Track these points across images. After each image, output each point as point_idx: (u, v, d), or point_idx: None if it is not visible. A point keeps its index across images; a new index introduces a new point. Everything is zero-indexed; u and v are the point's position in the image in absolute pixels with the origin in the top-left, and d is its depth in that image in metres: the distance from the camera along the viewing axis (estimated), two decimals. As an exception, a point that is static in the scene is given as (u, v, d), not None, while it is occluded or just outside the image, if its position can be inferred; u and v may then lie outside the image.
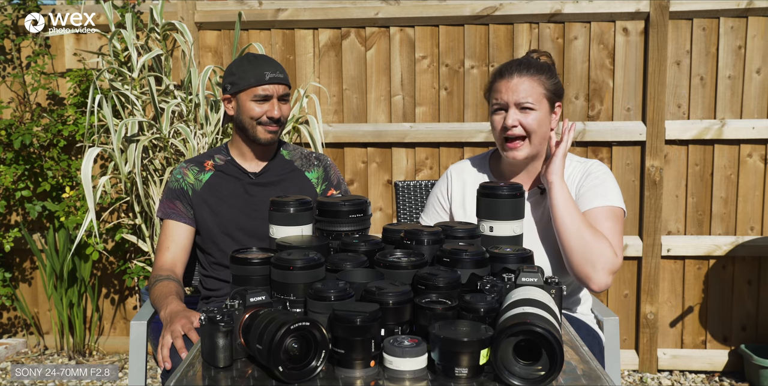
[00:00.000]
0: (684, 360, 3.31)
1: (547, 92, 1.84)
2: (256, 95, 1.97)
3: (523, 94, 1.81)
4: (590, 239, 1.71)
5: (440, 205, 2.03)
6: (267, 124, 2.00)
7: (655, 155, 3.18)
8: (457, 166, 2.04)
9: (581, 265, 1.72)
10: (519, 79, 1.82)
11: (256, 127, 2.00)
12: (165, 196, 2.08)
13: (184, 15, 3.30)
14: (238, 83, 1.99)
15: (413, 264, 1.33)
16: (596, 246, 1.71)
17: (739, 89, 3.18)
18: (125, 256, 3.48)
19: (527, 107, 1.81)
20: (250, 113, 1.99)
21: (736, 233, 3.24)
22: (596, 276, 1.71)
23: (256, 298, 1.26)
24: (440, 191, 2.04)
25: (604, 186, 1.85)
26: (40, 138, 3.28)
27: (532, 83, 1.82)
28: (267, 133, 2.00)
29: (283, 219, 1.54)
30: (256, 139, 2.02)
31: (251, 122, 2.00)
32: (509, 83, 1.83)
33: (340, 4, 3.27)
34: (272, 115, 1.98)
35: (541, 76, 1.84)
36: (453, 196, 2.00)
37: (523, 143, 1.83)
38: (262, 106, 1.98)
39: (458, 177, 2.01)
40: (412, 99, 3.32)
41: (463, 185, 1.99)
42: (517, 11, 3.18)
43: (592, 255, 1.71)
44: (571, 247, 1.73)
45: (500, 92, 1.84)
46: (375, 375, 1.17)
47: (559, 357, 1.08)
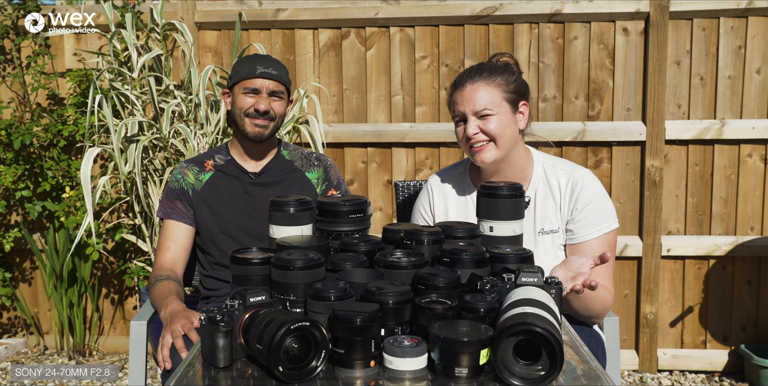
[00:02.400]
0: (684, 360, 3.31)
1: (505, 94, 1.80)
2: (246, 88, 2.01)
3: (479, 102, 1.78)
4: (600, 308, 1.80)
5: (424, 221, 2.00)
6: (254, 117, 2.01)
7: (655, 155, 3.18)
8: (435, 179, 2.00)
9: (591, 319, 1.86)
10: (472, 87, 1.79)
11: (244, 120, 2.02)
12: (165, 196, 2.09)
13: (184, 15, 3.30)
14: (233, 77, 2.05)
15: (413, 264, 1.33)
16: (604, 306, 1.81)
17: (739, 89, 3.18)
18: (125, 256, 3.48)
19: (486, 114, 1.78)
20: (239, 104, 2.02)
21: (736, 233, 3.24)
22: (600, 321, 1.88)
23: (256, 298, 1.26)
24: (422, 206, 2.01)
25: (603, 205, 1.82)
26: (40, 138, 3.28)
27: (487, 88, 1.79)
28: (254, 126, 2.01)
29: (283, 219, 1.54)
30: (244, 133, 2.03)
31: (240, 114, 2.02)
32: (463, 93, 1.80)
33: (340, 4, 3.27)
34: (258, 107, 2.00)
35: (497, 78, 1.80)
36: (435, 211, 1.97)
37: (488, 145, 1.79)
38: (250, 98, 2.01)
39: (439, 191, 1.97)
40: (412, 99, 3.32)
41: (444, 196, 1.96)
42: (517, 11, 3.18)
43: (603, 313, 1.84)
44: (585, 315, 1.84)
45: (457, 104, 1.82)
46: (375, 375, 1.17)
47: (559, 357, 1.08)
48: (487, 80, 1.80)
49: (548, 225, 1.84)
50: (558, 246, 1.85)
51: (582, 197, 1.82)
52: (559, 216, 1.84)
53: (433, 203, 1.97)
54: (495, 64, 1.88)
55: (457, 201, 1.94)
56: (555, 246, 1.84)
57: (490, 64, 1.86)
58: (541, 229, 1.84)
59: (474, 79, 1.80)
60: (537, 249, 1.83)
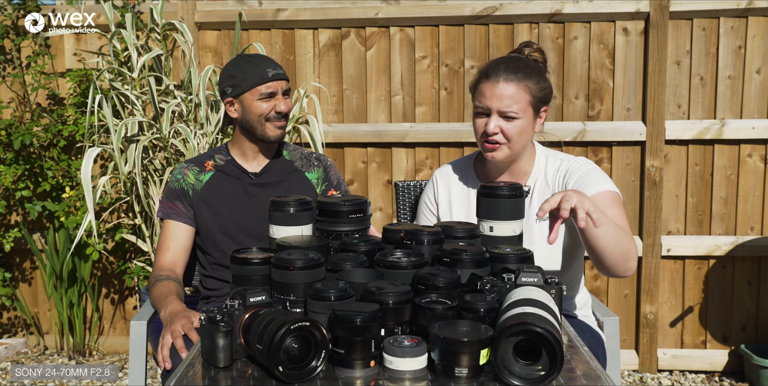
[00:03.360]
0: (684, 360, 3.31)
1: (533, 99, 1.78)
2: (262, 93, 1.98)
3: (507, 102, 1.75)
4: (624, 241, 1.66)
5: (429, 211, 2.02)
6: (275, 120, 2.01)
7: (655, 155, 3.18)
8: (441, 171, 2.02)
9: (620, 265, 1.67)
10: (505, 85, 1.75)
11: (264, 125, 2.00)
12: (165, 196, 2.09)
13: (184, 15, 3.30)
14: (240, 85, 1.99)
15: (413, 264, 1.33)
16: (629, 245, 1.67)
17: (739, 89, 3.18)
18: (125, 256, 3.48)
19: (511, 116, 1.76)
20: (257, 111, 1.99)
21: (736, 233, 3.24)
22: (630, 266, 1.69)
23: (256, 298, 1.26)
24: (427, 197, 2.03)
25: (596, 174, 1.81)
26: (40, 138, 3.28)
27: (518, 90, 1.76)
28: (276, 128, 2.01)
29: (283, 219, 1.54)
30: (265, 138, 2.02)
31: (260, 120, 2.00)
32: (494, 88, 1.76)
33: (340, 4, 3.27)
34: (280, 109, 1.99)
35: (529, 81, 1.77)
36: (439, 200, 1.99)
37: (502, 145, 1.79)
38: (269, 102, 1.99)
39: (443, 181, 1.99)
40: (412, 99, 3.32)
41: (448, 189, 1.97)
42: (517, 11, 3.18)
43: (629, 253, 1.67)
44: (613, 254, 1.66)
45: (484, 96, 1.78)
46: (375, 375, 1.17)
47: (559, 357, 1.08)
48: (520, 82, 1.76)
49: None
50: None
51: (574, 173, 1.82)
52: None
53: (437, 193, 1.99)
54: (529, 62, 1.83)
55: (461, 192, 1.96)
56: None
57: (525, 64, 1.80)
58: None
59: (509, 77, 1.76)
60: (533, 236, 1.82)
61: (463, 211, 1.94)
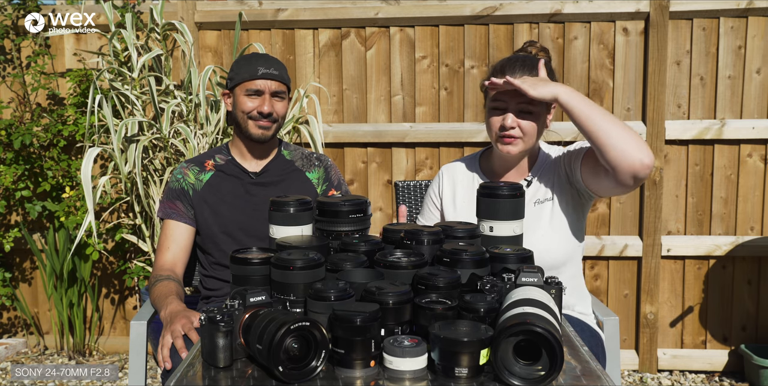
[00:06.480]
0: (684, 360, 3.31)
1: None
2: (248, 89, 2.00)
3: (525, 99, 1.79)
4: (620, 124, 1.67)
5: (433, 205, 2.05)
6: (258, 119, 2.01)
7: (655, 155, 3.18)
8: (448, 166, 2.07)
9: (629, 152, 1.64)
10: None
11: (247, 122, 2.02)
12: (165, 196, 2.09)
13: (184, 15, 3.30)
14: (234, 78, 2.03)
15: (413, 264, 1.33)
16: (627, 129, 1.67)
17: (739, 89, 3.18)
18: (125, 256, 3.48)
19: (528, 111, 1.81)
20: (242, 107, 2.01)
21: (736, 233, 3.24)
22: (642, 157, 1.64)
23: (256, 298, 1.26)
24: (432, 191, 2.07)
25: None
26: (40, 138, 3.28)
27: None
28: (258, 128, 2.01)
29: (283, 219, 1.54)
30: (248, 135, 2.03)
31: (243, 117, 2.02)
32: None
33: (340, 4, 3.27)
34: (262, 109, 2.00)
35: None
36: (444, 194, 2.02)
37: (518, 140, 1.83)
38: (254, 100, 2.00)
39: (449, 176, 2.03)
40: (412, 99, 3.32)
41: (453, 183, 2.01)
42: (517, 11, 3.18)
43: (631, 137, 1.65)
44: (611, 136, 1.65)
45: (501, 92, 1.82)
46: (375, 375, 1.17)
47: (559, 357, 1.08)
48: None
49: (542, 194, 1.89)
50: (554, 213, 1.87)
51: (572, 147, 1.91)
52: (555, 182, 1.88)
53: (442, 187, 2.03)
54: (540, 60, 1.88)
55: (465, 187, 1.99)
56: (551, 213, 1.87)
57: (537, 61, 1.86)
58: (537, 200, 1.89)
59: (525, 74, 1.82)
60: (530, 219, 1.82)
61: (467, 207, 1.96)
